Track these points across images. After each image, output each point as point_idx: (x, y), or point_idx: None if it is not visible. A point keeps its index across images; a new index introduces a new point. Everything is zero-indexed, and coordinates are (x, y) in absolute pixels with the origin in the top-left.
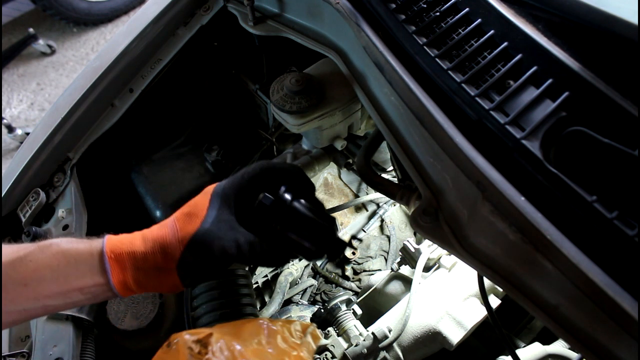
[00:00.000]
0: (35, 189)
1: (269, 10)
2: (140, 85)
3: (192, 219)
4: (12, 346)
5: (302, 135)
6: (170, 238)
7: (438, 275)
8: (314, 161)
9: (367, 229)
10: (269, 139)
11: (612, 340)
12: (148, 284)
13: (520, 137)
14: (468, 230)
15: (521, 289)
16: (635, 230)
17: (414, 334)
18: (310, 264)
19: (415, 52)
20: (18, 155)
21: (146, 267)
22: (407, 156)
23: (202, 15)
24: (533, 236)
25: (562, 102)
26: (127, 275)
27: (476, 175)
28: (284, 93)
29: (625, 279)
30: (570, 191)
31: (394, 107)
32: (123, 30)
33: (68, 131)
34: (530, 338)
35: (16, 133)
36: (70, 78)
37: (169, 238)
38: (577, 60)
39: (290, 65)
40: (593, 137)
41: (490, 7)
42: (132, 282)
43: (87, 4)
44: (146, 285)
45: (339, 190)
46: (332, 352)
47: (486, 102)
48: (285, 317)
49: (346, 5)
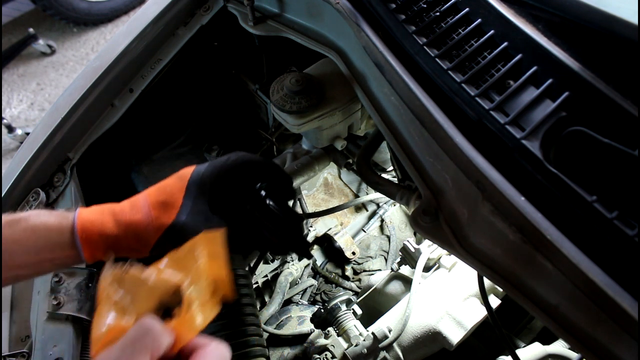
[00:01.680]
0: (35, 189)
1: (269, 10)
2: (140, 85)
3: (167, 208)
4: (12, 346)
5: (302, 135)
6: (145, 226)
7: (438, 275)
8: (314, 161)
9: (367, 229)
10: (269, 139)
11: (612, 340)
12: (118, 256)
13: (520, 137)
14: (468, 230)
15: (521, 289)
16: (635, 230)
17: (414, 334)
18: (310, 264)
19: (415, 52)
20: (18, 155)
21: (118, 247)
22: (407, 156)
23: (202, 15)
24: (533, 236)
25: (562, 102)
26: (99, 253)
27: (476, 175)
28: (284, 93)
29: (625, 279)
30: (570, 191)
31: (394, 107)
32: (123, 30)
33: (68, 131)
34: (530, 338)
35: (16, 133)
36: (70, 78)
37: (143, 225)
38: (577, 60)
39: (290, 65)
40: (593, 137)
41: (490, 7)
42: (103, 256)
43: (87, 4)
44: (117, 256)
45: (339, 190)
46: (332, 352)
47: (486, 102)
48: (285, 317)
49: (346, 5)
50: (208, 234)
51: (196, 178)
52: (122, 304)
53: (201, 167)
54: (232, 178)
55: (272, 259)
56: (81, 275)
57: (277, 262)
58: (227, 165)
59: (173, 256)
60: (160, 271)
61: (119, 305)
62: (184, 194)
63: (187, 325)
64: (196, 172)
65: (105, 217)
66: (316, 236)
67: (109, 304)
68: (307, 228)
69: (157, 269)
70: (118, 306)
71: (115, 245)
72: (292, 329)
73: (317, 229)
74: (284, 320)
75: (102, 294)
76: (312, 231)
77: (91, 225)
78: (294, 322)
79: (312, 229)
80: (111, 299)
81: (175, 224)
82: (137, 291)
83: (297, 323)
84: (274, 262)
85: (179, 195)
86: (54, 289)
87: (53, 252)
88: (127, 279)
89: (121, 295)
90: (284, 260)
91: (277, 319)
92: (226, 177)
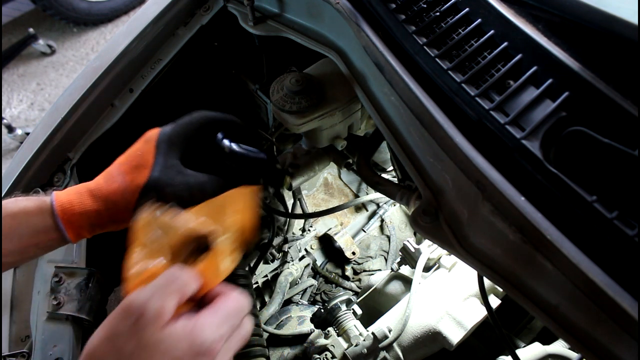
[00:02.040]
0: (35, 189)
1: (269, 10)
2: (140, 85)
3: (140, 170)
4: (12, 346)
5: (302, 135)
6: (123, 191)
7: (438, 275)
8: (314, 161)
9: (367, 229)
10: (269, 139)
11: (612, 340)
12: (104, 231)
13: (520, 137)
14: (468, 230)
15: (521, 289)
16: (635, 230)
17: (414, 334)
18: (311, 264)
19: (415, 52)
20: (18, 155)
21: (101, 222)
22: (407, 156)
23: (202, 15)
24: (533, 236)
25: (562, 102)
26: (83, 231)
27: (476, 175)
28: (284, 93)
29: (625, 279)
30: (570, 191)
31: (394, 107)
32: (123, 30)
33: (68, 131)
34: (530, 338)
35: (16, 133)
36: (70, 78)
37: (120, 192)
38: (577, 60)
39: (290, 65)
40: (593, 137)
41: (490, 7)
42: (88, 234)
43: (87, 4)
44: (102, 231)
45: (339, 190)
46: (332, 352)
47: (486, 102)
48: (285, 317)
49: (346, 5)
50: (241, 189)
51: (164, 137)
52: (153, 247)
53: (166, 127)
54: (197, 133)
55: (272, 259)
56: (81, 275)
57: (277, 262)
58: (191, 122)
59: (205, 206)
60: (190, 219)
61: (150, 248)
62: (154, 153)
63: (213, 271)
64: (162, 132)
65: (83, 195)
66: (316, 236)
67: (141, 245)
68: (307, 228)
69: (189, 217)
70: (149, 248)
71: (98, 220)
72: (292, 329)
73: (317, 229)
74: (284, 320)
75: (136, 235)
76: (312, 231)
77: (70, 205)
78: (294, 322)
79: (312, 229)
80: (141, 241)
81: (149, 180)
82: (168, 236)
83: (297, 323)
84: (274, 262)
85: (149, 156)
86: (54, 289)
87: (37, 237)
88: (159, 223)
89: (153, 238)
90: (284, 260)
91: (277, 319)
92: (191, 133)
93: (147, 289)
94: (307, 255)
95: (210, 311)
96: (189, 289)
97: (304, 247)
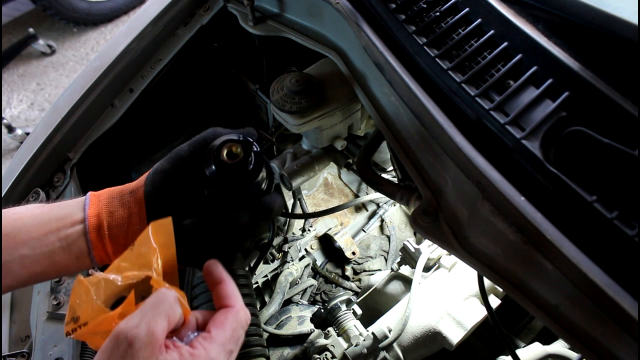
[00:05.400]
0: (35, 189)
1: (269, 10)
2: (140, 85)
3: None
4: (12, 346)
5: (302, 135)
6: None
7: (438, 275)
8: (314, 161)
9: (367, 229)
10: (269, 139)
11: (612, 340)
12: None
13: (520, 137)
14: (468, 230)
15: (521, 289)
16: (635, 230)
17: (414, 334)
18: (311, 264)
19: (415, 52)
20: (18, 155)
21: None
22: (407, 156)
23: (202, 15)
24: (533, 236)
25: (562, 102)
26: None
27: (476, 175)
28: (284, 93)
29: (625, 279)
30: (570, 191)
31: (394, 107)
32: (123, 30)
33: (68, 131)
34: (530, 338)
35: (16, 133)
36: (70, 78)
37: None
38: (577, 60)
39: (290, 65)
40: (593, 137)
41: (490, 7)
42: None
43: (87, 4)
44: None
45: (339, 190)
46: (332, 352)
47: (486, 102)
48: (285, 317)
49: (346, 5)
50: (156, 223)
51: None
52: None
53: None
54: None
55: (272, 259)
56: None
57: (277, 262)
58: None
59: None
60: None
61: (96, 307)
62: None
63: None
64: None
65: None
66: (316, 236)
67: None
68: (307, 228)
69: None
70: (95, 307)
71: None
72: (292, 329)
73: (317, 229)
74: (284, 320)
75: (75, 300)
76: (312, 231)
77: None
78: (294, 322)
79: (312, 229)
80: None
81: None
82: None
83: (297, 323)
84: (274, 262)
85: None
86: (54, 289)
87: (62, 221)
88: (97, 283)
89: (95, 297)
90: (284, 260)
91: (277, 319)
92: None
93: (135, 314)
94: (307, 255)
95: (206, 343)
96: (176, 311)
97: (304, 247)
